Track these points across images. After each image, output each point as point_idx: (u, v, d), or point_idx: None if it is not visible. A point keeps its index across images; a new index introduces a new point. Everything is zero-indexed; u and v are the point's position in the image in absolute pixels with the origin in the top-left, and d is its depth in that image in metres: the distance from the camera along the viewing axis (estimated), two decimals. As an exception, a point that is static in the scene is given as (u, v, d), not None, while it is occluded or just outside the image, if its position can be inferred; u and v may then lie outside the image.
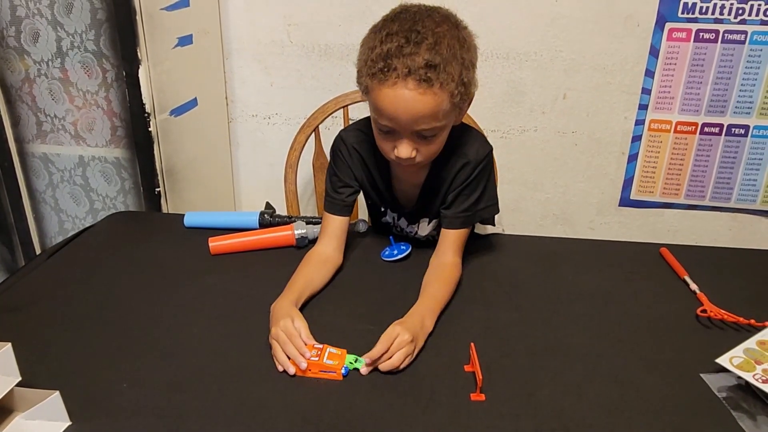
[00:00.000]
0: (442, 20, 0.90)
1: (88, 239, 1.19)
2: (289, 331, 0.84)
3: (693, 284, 1.02)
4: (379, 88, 0.88)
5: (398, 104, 0.87)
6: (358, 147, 1.07)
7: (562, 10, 1.61)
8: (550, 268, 1.09)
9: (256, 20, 1.73)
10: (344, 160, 1.08)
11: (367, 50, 0.91)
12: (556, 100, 1.71)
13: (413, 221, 1.14)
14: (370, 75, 0.88)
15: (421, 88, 0.86)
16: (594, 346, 0.88)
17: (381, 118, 0.91)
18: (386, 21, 0.92)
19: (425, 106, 0.87)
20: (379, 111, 0.91)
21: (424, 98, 0.86)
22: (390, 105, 0.88)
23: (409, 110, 0.88)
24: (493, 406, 0.76)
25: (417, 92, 0.86)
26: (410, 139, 0.92)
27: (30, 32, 1.42)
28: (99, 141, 1.52)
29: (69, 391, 0.72)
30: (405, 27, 0.88)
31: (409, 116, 0.88)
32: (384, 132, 0.94)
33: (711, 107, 1.65)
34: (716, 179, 1.73)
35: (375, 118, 0.94)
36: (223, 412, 0.74)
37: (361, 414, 0.75)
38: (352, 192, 1.09)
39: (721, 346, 0.83)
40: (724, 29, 1.56)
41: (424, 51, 0.85)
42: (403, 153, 0.93)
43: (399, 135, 0.93)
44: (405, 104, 0.87)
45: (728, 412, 0.75)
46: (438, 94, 0.87)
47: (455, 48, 0.88)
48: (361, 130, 1.08)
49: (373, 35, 0.91)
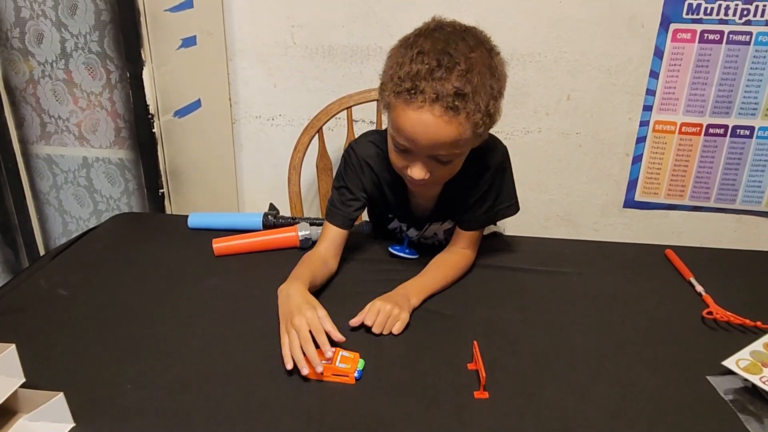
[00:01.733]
0: (476, 45, 0.87)
1: (92, 240, 1.19)
2: (315, 325, 0.82)
3: (698, 286, 1.01)
4: (403, 109, 0.85)
5: (420, 128, 0.85)
6: (370, 161, 1.05)
7: (565, 11, 1.60)
8: (554, 269, 1.09)
9: (260, 21, 1.73)
10: (355, 173, 1.06)
11: (394, 65, 0.87)
12: (560, 101, 1.71)
13: (424, 226, 1.13)
14: (395, 93, 0.85)
15: (447, 116, 0.83)
16: (598, 347, 0.88)
17: (399, 137, 0.89)
18: (418, 36, 0.88)
19: (448, 135, 0.85)
20: (398, 130, 0.88)
21: (448, 127, 0.84)
22: (411, 127, 0.85)
23: (430, 136, 0.85)
24: (496, 404, 0.76)
25: (442, 120, 0.83)
26: (425, 162, 0.90)
27: (34, 33, 1.43)
28: (103, 142, 1.53)
29: (73, 392, 0.72)
30: (438, 48, 0.84)
31: (429, 142, 0.86)
32: (399, 149, 0.92)
33: (716, 108, 1.64)
34: (721, 180, 1.72)
35: (392, 135, 0.91)
36: (227, 413, 0.74)
37: (364, 412, 0.75)
38: (359, 207, 1.07)
39: (727, 348, 0.83)
40: (729, 30, 1.56)
41: (455, 78, 0.82)
42: (415, 174, 0.91)
43: (414, 155, 0.90)
44: (426, 129, 0.84)
45: (735, 414, 0.75)
46: (463, 123, 0.84)
47: (486, 77, 0.85)
48: (373, 142, 1.06)
49: (403, 50, 0.88)
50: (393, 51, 0.91)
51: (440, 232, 1.14)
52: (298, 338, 0.81)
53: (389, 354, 0.85)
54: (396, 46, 0.91)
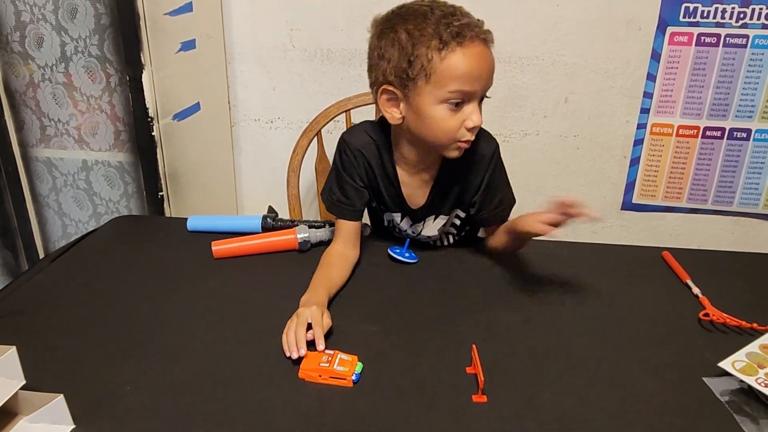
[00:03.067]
0: None
1: (92, 243, 1.20)
2: (315, 318, 0.85)
3: (695, 288, 1.02)
4: (462, 51, 0.88)
5: (482, 61, 0.89)
6: (363, 150, 1.06)
7: (563, 14, 1.61)
8: (552, 271, 1.09)
9: (259, 25, 1.74)
10: (350, 162, 1.07)
11: (410, 37, 0.89)
12: (558, 104, 1.71)
13: (418, 220, 1.13)
14: (440, 47, 0.87)
15: (487, 44, 0.91)
16: (596, 349, 0.88)
17: (463, 83, 0.89)
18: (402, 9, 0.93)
19: (492, 61, 0.91)
20: (461, 75, 0.89)
21: (491, 54, 0.91)
22: (474, 62, 0.89)
23: (488, 65, 0.91)
24: (494, 408, 0.76)
25: (487, 49, 0.91)
26: (478, 108, 0.93)
27: (34, 37, 1.43)
28: (102, 145, 1.53)
29: (73, 394, 0.72)
30: (439, 4, 0.91)
31: (489, 71, 0.91)
32: (453, 106, 0.91)
33: (713, 111, 1.65)
34: (718, 183, 1.73)
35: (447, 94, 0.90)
36: (227, 414, 0.75)
37: (363, 415, 0.75)
38: (363, 195, 1.08)
39: (723, 350, 0.83)
40: (726, 33, 1.57)
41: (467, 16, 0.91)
42: (478, 119, 0.92)
43: (467, 104, 0.92)
44: (485, 60, 0.90)
45: (731, 415, 0.75)
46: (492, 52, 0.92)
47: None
48: (365, 132, 1.07)
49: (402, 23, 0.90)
50: (383, 37, 0.93)
51: (434, 230, 1.14)
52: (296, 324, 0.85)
53: (388, 357, 0.85)
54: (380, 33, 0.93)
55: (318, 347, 0.82)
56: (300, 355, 0.82)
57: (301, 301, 0.93)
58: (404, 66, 0.90)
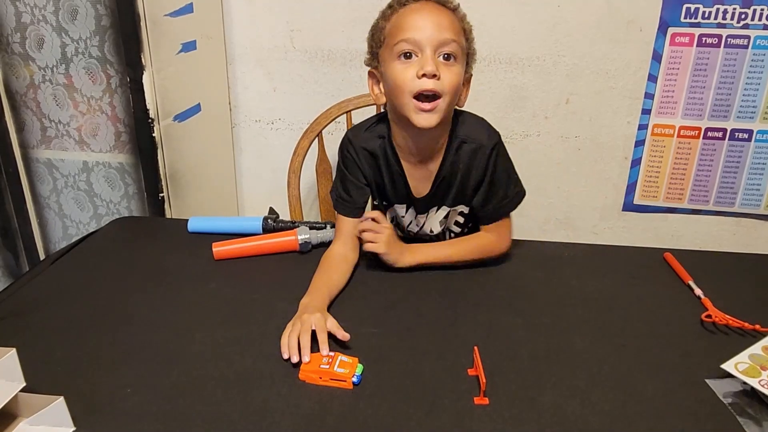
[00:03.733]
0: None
1: (92, 244, 1.19)
2: (319, 324, 0.85)
3: (697, 289, 1.02)
4: (403, 11, 0.97)
5: (424, 15, 0.95)
6: (366, 145, 1.08)
7: (564, 15, 1.61)
8: (554, 272, 1.09)
9: (260, 26, 1.74)
10: (353, 161, 1.09)
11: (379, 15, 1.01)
12: (559, 104, 1.71)
13: (423, 210, 1.13)
14: (389, 14, 0.98)
15: (440, 7, 0.96)
16: (597, 350, 0.88)
17: (404, 34, 0.95)
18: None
19: (446, 18, 0.95)
20: (404, 29, 0.95)
21: (445, 11, 0.96)
22: (415, 18, 0.95)
23: (433, 19, 0.94)
24: (496, 410, 0.76)
25: (437, 9, 0.96)
26: (433, 57, 0.94)
27: (35, 38, 1.43)
28: (103, 146, 1.53)
29: (73, 396, 0.72)
30: None
31: (434, 23, 0.94)
32: (405, 58, 0.96)
33: (714, 112, 1.65)
34: (720, 184, 1.73)
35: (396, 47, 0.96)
36: (227, 416, 0.74)
37: (364, 418, 0.75)
38: (364, 193, 1.10)
39: (726, 352, 0.83)
40: (727, 34, 1.56)
41: None
42: (428, 68, 0.93)
43: (420, 57, 0.95)
44: (429, 15, 0.95)
45: (734, 417, 0.75)
46: (455, 15, 0.97)
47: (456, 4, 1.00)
48: (368, 127, 1.10)
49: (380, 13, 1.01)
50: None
51: (435, 223, 1.14)
52: (300, 330, 0.85)
53: (388, 359, 0.85)
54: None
55: (322, 351, 0.82)
56: (304, 361, 0.81)
57: (300, 303, 0.93)
58: (372, 44, 1.02)
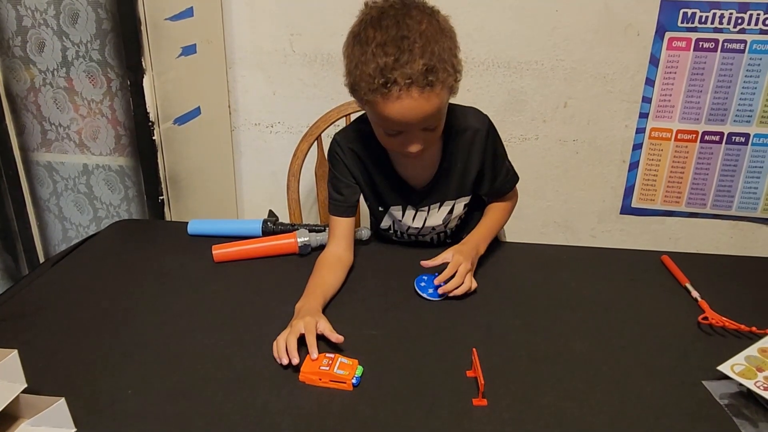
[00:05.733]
0: (421, 16, 0.89)
1: (92, 247, 1.20)
2: (309, 328, 0.85)
3: (694, 291, 1.02)
4: (384, 103, 0.88)
5: (405, 112, 0.89)
6: (353, 145, 1.09)
7: (562, 19, 1.62)
8: (552, 275, 1.10)
9: (259, 30, 1.74)
10: (341, 161, 1.10)
11: (358, 64, 0.89)
12: (557, 108, 1.72)
13: (423, 205, 1.13)
14: (370, 91, 0.88)
15: (425, 93, 0.87)
16: (595, 352, 0.89)
17: (388, 126, 0.93)
18: (367, 28, 0.90)
19: (431, 107, 0.89)
20: (385, 121, 0.92)
21: (429, 102, 0.88)
22: (396, 115, 0.89)
23: (417, 115, 0.89)
24: (495, 411, 0.76)
25: (422, 98, 0.87)
26: (418, 135, 0.95)
27: (36, 42, 1.44)
28: (103, 149, 1.53)
29: (74, 397, 0.72)
30: (391, 35, 0.87)
31: (417, 119, 0.90)
32: (391, 135, 0.96)
33: (711, 115, 1.66)
34: (717, 187, 1.73)
35: (380, 125, 0.96)
36: (228, 418, 0.75)
37: (364, 419, 0.75)
38: (355, 191, 1.11)
39: (722, 354, 0.83)
40: (724, 38, 1.57)
41: (419, 57, 0.85)
42: (414, 149, 0.95)
43: (406, 134, 0.94)
44: (412, 112, 0.89)
45: (730, 419, 0.75)
46: (440, 93, 0.89)
47: (442, 41, 0.89)
48: (355, 127, 1.10)
49: (359, 48, 0.90)
50: (348, 50, 0.94)
51: (439, 219, 1.15)
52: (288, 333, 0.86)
53: (388, 361, 0.86)
54: (349, 44, 0.94)
55: (312, 355, 0.82)
56: (293, 363, 0.82)
57: (295, 307, 0.93)
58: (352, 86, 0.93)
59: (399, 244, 1.19)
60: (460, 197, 1.13)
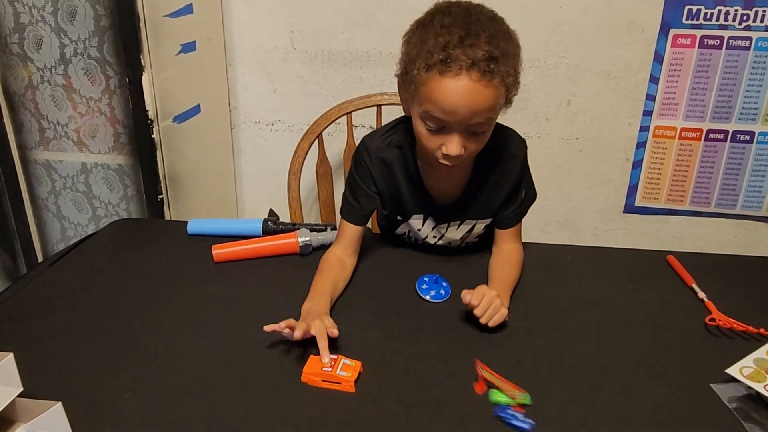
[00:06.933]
0: (492, 15, 0.89)
1: (91, 247, 1.19)
2: (319, 331, 0.84)
3: (701, 292, 1.01)
4: (440, 80, 0.84)
5: (459, 96, 0.85)
6: (382, 153, 1.04)
7: (566, 16, 1.61)
8: (555, 275, 1.09)
9: (260, 27, 1.73)
10: (366, 168, 1.05)
11: (418, 43, 0.87)
12: (560, 106, 1.71)
13: (443, 221, 1.10)
14: (427, 66, 0.85)
15: (484, 80, 0.84)
16: (600, 355, 0.87)
17: (436, 110, 0.87)
18: (434, 15, 0.89)
19: (486, 99, 0.85)
20: (435, 103, 0.86)
21: (486, 91, 0.85)
22: (450, 97, 0.85)
23: (469, 103, 0.85)
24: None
25: (480, 84, 0.84)
26: (461, 135, 0.89)
27: (33, 39, 1.43)
28: (102, 148, 1.52)
29: (71, 401, 0.71)
30: (460, 20, 0.86)
31: (469, 109, 0.86)
32: (433, 129, 0.90)
33: (716, 113, 1.64)
34: (721, 186, 1.72)
35: (425, 113, 0.89)
36: (228, 421, 0.74)
37: (366, 423, 0.74)
38: (373, 201, 1.07)
39: (730, 356, 0.82)
40: (729, 35, 1.56)
41: (484, 43, 0.84)
42: (453, 150, 0.89)
43: (449, 131, 0.89)
44: (466, 97, 0.85)
45: (739, 422, 0.74)
46: (498, 87, 0.85)
47: (509, 43, 0.88)
48: (386, 133, 1.06)
49: (422, 29, 0.88)
50: (410, 34, 0.92)
51: (458, 236, 1.12)
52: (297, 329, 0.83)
53: (391, 363, 0.85)
54: (412, 30, 0.92)
55: (323, 359, 0.81)
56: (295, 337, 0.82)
57: (302, 308, 0.92)
58: (406, 68, 0.91)
59: (402, 246, 1.17)
60: (483, 218, 1.10)
